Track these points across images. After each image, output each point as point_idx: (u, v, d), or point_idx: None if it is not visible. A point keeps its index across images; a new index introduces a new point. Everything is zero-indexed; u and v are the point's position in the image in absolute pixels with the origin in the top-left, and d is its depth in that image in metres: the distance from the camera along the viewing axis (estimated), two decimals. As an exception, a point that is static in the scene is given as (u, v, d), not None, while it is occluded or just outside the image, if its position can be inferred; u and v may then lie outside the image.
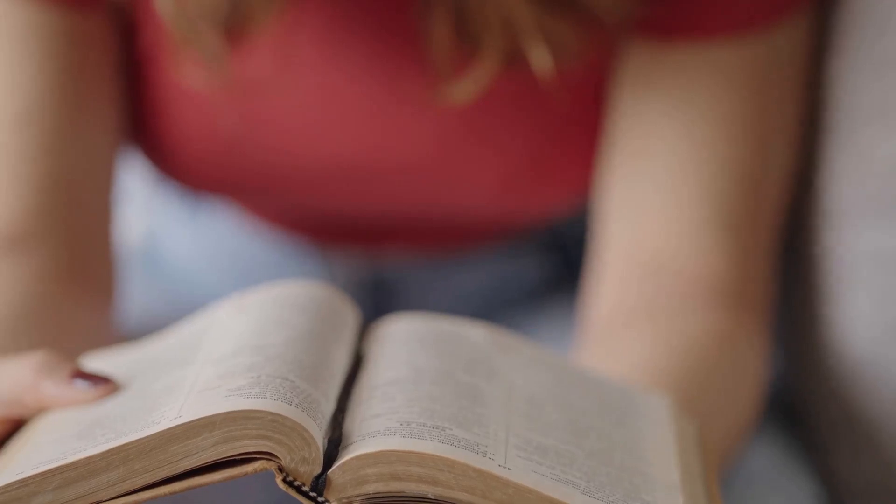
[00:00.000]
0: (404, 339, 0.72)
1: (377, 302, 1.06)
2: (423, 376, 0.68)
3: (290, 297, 0.73)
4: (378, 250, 1.05)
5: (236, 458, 0.61)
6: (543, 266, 1.09)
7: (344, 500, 0.60)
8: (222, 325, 0.72)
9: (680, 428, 0.72)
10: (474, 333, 0.74)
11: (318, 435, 0.61)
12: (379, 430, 0.62)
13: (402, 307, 1.06)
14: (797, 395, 0.96)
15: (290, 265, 1.06)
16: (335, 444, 0.62)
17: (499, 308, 1.08)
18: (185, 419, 0.61)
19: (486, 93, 0.88)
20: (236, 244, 1.07)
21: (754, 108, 0.87)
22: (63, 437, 0.65)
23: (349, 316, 0.74)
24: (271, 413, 0.60)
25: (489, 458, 0.62)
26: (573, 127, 0.93)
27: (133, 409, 0.65)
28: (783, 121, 0.89)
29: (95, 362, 0.73)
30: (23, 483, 0.61)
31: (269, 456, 0.60)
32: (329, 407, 0.64)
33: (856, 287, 0.89)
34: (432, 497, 0.60)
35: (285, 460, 0.60)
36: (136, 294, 1.04)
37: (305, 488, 0.61)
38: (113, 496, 0.61)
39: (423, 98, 0.89)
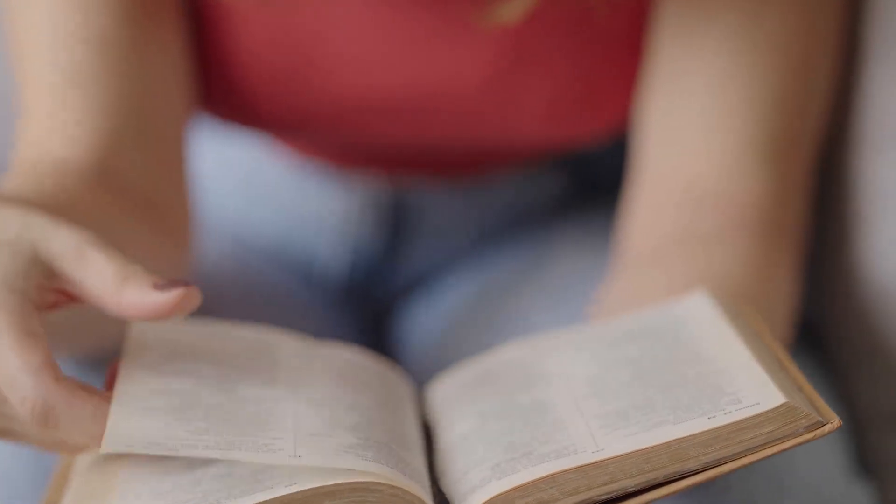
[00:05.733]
0: (455, 393, 0.74)
1: (395, 222, 1.05)
2: (488, 418, 0.70)
3: (349, 357, 0.75)
4: (403, 175, 1.03)
5: None
6: (560, 183, 1.08)
7: None
8: (294, 355, 0.73)
9: (729, 312, 0.72)
10: (509, 353, 0.76)
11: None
12: (476, 484, 0.64)
13: (420, 227, 1.05)
14: (822, 319, 0.96)
15: (308, 184, 1.04)
16: None
17: (514, 226, 1.07)
18: (305, 462, 0.62)
19: (535, 15, 0.87)
20: (254, 161, 1.05)
21: (798, 35, 0.86)
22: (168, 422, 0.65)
23: (404, 386, 0.75)
24: (392, 486, 0.62)
25: (580, 453, 0.63)
26: (621, 51, 0.91)
27: (235, 418, 0.65)
28: (825, 48, 0.88)
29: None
30: None
31: None
32: (426, 474, 0.65)
33: (887, 214, 0.89)
34: None
35: None
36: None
37: None
38: None
39: (471, 21, 0.87)
